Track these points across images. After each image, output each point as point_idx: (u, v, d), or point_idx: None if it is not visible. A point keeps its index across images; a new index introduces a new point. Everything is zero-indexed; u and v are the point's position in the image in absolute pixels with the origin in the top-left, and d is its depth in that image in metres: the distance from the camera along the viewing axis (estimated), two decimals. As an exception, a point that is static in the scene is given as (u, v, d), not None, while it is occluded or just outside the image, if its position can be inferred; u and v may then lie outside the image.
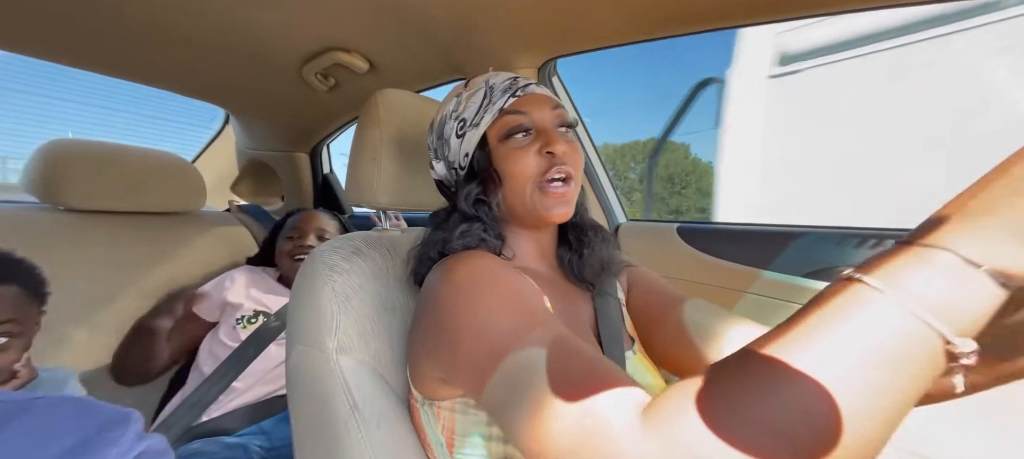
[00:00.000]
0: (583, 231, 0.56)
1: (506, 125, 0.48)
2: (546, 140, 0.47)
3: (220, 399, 0.92)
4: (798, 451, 0.21)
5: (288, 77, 1.09)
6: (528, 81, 0.51)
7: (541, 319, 0.36)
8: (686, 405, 0.23)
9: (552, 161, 0.47)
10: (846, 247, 0.81)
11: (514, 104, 0.48)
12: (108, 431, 0.25)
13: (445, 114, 0.53)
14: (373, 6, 0.77)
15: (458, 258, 0.43)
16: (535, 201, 0.48)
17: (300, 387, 0.50)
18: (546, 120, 0.49)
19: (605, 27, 0.78)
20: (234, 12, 0.82)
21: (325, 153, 1.63)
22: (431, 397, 0.44)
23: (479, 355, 0.35)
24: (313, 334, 0.49)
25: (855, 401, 0.21)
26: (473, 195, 0.50)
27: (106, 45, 0.96)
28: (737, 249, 0.89)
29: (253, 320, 1.01)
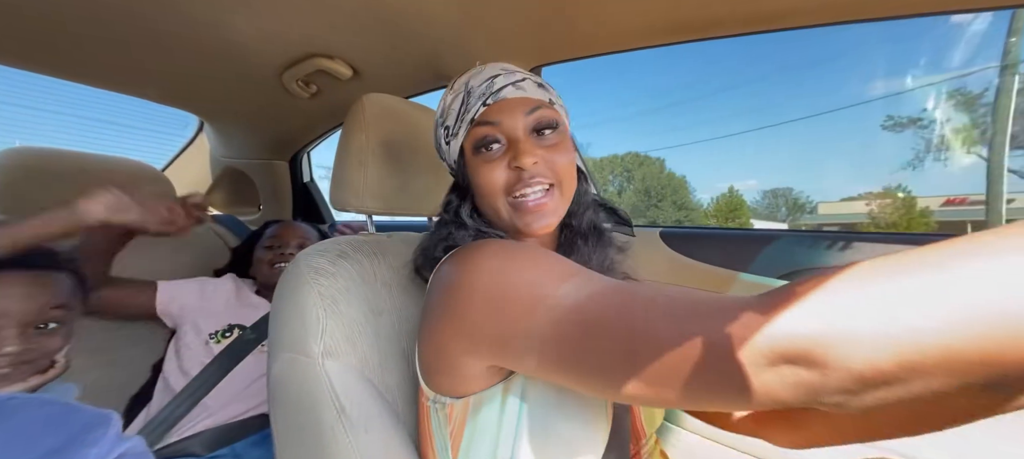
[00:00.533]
0: (575, 235, 0.53)
1: (476, 137, 0.46)
2: (514, 153, 0.45)
3: (189, 418, 0.88)
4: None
5: (268, 84, 1.07)
6: (507, 82, 0.48)
7: (585, 271, 0.36)
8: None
9: (520, 175, 0.45)
10: (817, 249, 0.85)
11: (484, 114, 0.46)
12: (87, 432, 0.24)
13: (438, 115, 0.53)
14: (357, 12, 0.77)
15: (477, 245, 0.42)
16: (511, 216, 0.46)
17: (284, 396, 0.48)
18: (518, 128, 0.46)
19: (590, 36, 0.80)
20: (211, 17, 0.80)
21: (305, 161, 1.60)
22: (446, 392, 0.42)
23: (536, 311, 0.34)
24: (298, 340, 0.47)
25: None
26: (454, 205, 0.50)
27: (74, 51, 0.92)
28: (716, 252, 0.92)
29: (227, 334, 0.96)
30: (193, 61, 0.98)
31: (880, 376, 0.21)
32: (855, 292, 0.22)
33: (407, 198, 0.64)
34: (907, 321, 0.21)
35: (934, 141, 13.08)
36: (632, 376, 0.29)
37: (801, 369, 0.23)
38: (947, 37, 28.50)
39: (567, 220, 0.52)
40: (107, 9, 0.77)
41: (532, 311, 0.34)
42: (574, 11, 0.74)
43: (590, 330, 0.31)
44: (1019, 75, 4.83)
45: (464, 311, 0.38)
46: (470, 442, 0.41)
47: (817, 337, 0.22)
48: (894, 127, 13.13)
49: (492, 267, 0.38)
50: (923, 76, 27.47)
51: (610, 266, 0.53)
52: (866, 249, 0.81)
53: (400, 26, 0.81)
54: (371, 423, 0.44)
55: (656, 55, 38.42)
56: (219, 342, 0.95)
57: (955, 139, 13.05)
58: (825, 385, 0.23)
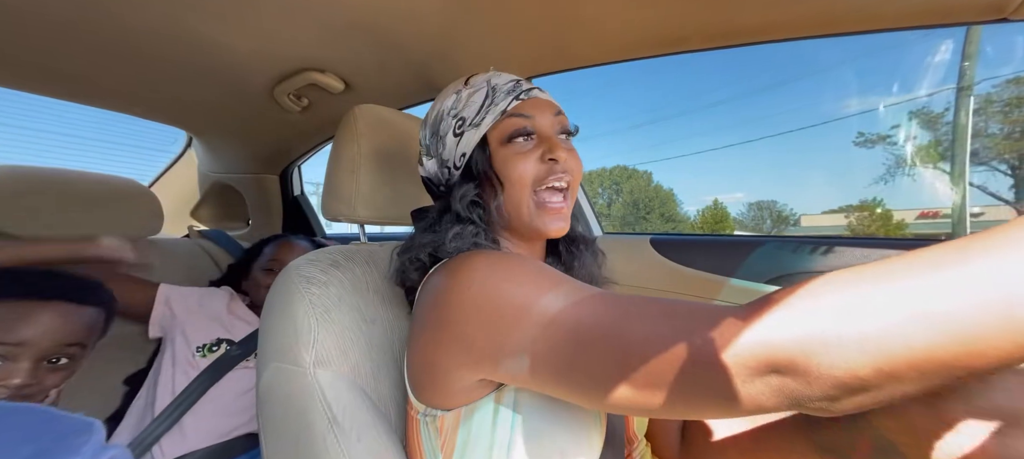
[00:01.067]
0: (575, 242, 0.55)
1: (509, 128, 0.47)
2: (549, 146, 0.46)
3: (170, 436, 0.85)
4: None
5: (259, 98, 1.07)
6: (532, 84, 0.50)
7: (574, 282, 0.36)
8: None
9: (553, 168, 0.46)
10: (801, 254, 0.87)
11: (517, 107, 0.47)
12: (69, 439, 0.23)
13: (442, 110, 0.51)
14: (348, 26, 0.79)
15: (465, 257, 0.41)
16: (532, 214, 0.47)
17: (273, 407, 0.47)
18: (549, 126, 0.48)
19: (579, 48, 0.83)
20: (202, 33, 0.80)
21: (296, 175, 1.59)
22: (436, 405, 0.42)
23: (528, 323, 0.34)
24: (288, 349, 0.47)
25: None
26: (469, 196, 0.48)
27: (60, 69, 0.91)
28: (706, 258, 0.94)
29: (214, 348, 0.94)
30: (183, 77, 0.98)
31: (859, 382, 0.22)
32: (834, 302, 0.23)
33: (399, 208, 0.64)
34: (883, 330, 0.22)
35: (904, 157, 13.73)
36: (623, 385, 0.30)
37: (786, 377, 0.24)
38: (915, 59, 30.03)
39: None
40: (93, 26, 0.77)
41: (523, 324, 0.34)
42: (563, 23, 0.76)
43: (582, 341, 0.32)
44: (973, 97, 5.24)
45: (455, 325, 0.38)
46: (462, 454, 0.40)
47: (801, 347, 0.23)
48: (865, 143, 13.77)
49: (482, 280, 0.38)
50: (897, 95, 28.78)
51: (596, 274, 0.55)
52: (847, 254, 0.83)
53: (391, 39, 0.82)
54: (363, 432, 0.44)
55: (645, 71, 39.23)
56: (205, 356, 0.92)
57: (922, 155, 13.70)
58: (809, 393, 0.24)
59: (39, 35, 0.79)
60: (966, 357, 0.20)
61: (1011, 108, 10.23)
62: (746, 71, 39.47)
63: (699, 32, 0.74)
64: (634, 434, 0.49)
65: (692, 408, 0.28)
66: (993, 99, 10.96)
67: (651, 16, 0.72)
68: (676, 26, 0.74)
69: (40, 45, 0.82)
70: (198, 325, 0.97)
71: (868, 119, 15.66)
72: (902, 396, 0.23)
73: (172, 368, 0.91)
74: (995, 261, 0.21)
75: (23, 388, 0.58)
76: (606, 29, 0.76)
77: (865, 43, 20.71)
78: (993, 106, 10.94)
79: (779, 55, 30.55)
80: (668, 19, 0.72)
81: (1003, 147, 10.47)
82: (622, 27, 0.75)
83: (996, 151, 10.69)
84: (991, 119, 10.98)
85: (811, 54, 24.81)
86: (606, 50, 0.82)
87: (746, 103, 39.75)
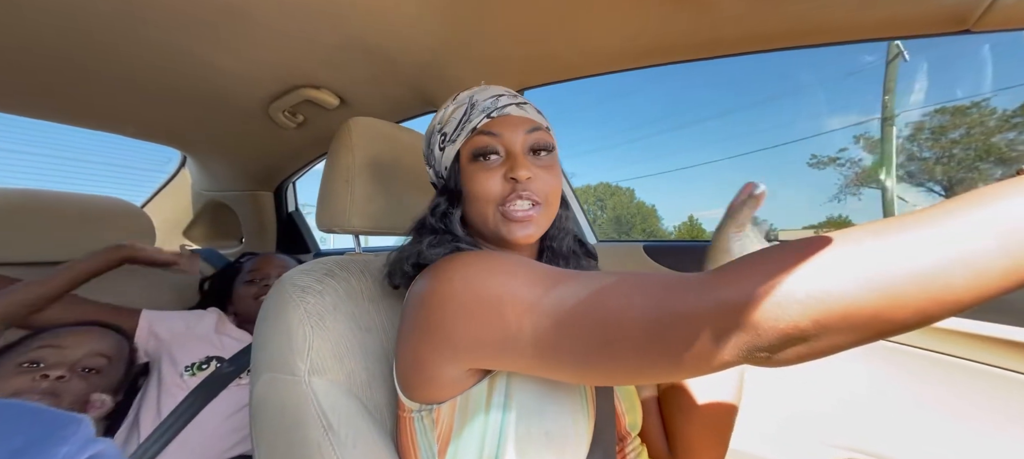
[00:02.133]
0: (557, 256, 0.56)
1: (477, 145, 0.48)
2: (511, 165, 0.47)
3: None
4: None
5: (254, 116, 1.09)
6: (510, 101, 0.51)
7: (552, 268, 0.38)
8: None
9: (514, 187, 0.47)
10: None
11: (487, 125, 0.49)
12: (58, 430, 0.24)
13: (435, 123, 0.54)
14: (342, 43, 0.80)
15: (446, 258, 0.43)
16: (497, 224, 0.48)
17: (267, 418, 0.47)
18: (517, 143, 0.48)
19: (570, 60, 0.85)
20: (196, 55, 0.82)
21: (290, 191, 1.60)
22: (430, 401, 0.42)
23: (510, 310, 0.36)
24: (283, 359, 0.47)
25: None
26: (441, 208, 0.50)
27: (56, 91, 0.92)
28: (698, 264, 0.94)
29: (204, 366, 0.93)
30: (178, 98, 0.99)
31: (799, 333, 0.26)
32: (778, 266, 0.28)
33: (394, 218, 0.65)
34: (822, 287, 0.26)
35: (852, 177, 15.21)
36: (605, 357, 0.32)
37: (743, 332, 0.28)
38: (854, 85, 31.27)
39: (549, 242, 0.55)
40: (88, 50, 0.78)
41: (505, 312, 0.36)
42: (554, 36, 0.78)
43: (563, 322, 0.34)
44: (895, 127, 6.67)
45: (440, 319, 0.39)
46: (458, 445, 0.41)
47: (752, 304, 0.27)
48: (817, 164, 15.25)
49: (462, 275, 0.39)
50: (851, 117, 30.06)
51: None
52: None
53: (384, 54, 0.84)
54: (359, 439, 0.44)
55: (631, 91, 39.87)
56: (194, 375, 0.91)
57: (868, 175, 15.02)
58: (758, 343, 0.27)
59: (33, 59, 0.80)
60: (889, 311, 0.25)
61: (937, 135, 11.94)
62: (726, 90, 40.34)
63: (685, 43, 0.77)
64: (626, 431, 0.49)
65: (666, 369, 0.31)
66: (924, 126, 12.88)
67: (639, 28, 0.74)
68: (664, 37, 0.76)
69: (34, 69, 0.83)
70: (186, 346, 0.95)
71: (836, 138, 17.03)
72: (837, 348, 0.27)
73: (157, 390, 0.89)
74: (920, 237, 0.25)
75: (58, 381, 0.74)
76: (596, 40, 0.79)
77: (842, 65, 21.77)
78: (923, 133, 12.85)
79: (760, 75, 31.53)
80: (656, 31, 0.75)
81: (932, 169, 12.22)
82: (611, 38, 0.78)
83: (928, 173, 12.37)
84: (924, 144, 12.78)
85: (792, 74, 25.90)
86: (596, 61, 0.84)
87: (728, 122, 40.61)
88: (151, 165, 1.57)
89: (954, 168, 11.50)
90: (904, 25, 0.65)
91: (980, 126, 10.86)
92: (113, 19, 0.70)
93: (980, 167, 10.72)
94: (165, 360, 0.93)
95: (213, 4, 0.68)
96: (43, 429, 0.23)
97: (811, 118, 26.22)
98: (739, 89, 32.10)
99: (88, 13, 0.68)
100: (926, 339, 0.71)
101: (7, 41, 0.74)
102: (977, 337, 0.67)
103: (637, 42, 0.78)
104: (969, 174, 10.94)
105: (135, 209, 1.15)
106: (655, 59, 0.81)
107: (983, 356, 0.67)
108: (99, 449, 0.25)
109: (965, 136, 11.17)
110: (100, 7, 0.67)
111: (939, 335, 0.70)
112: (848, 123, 21.63)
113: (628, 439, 0.49)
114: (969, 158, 11.09)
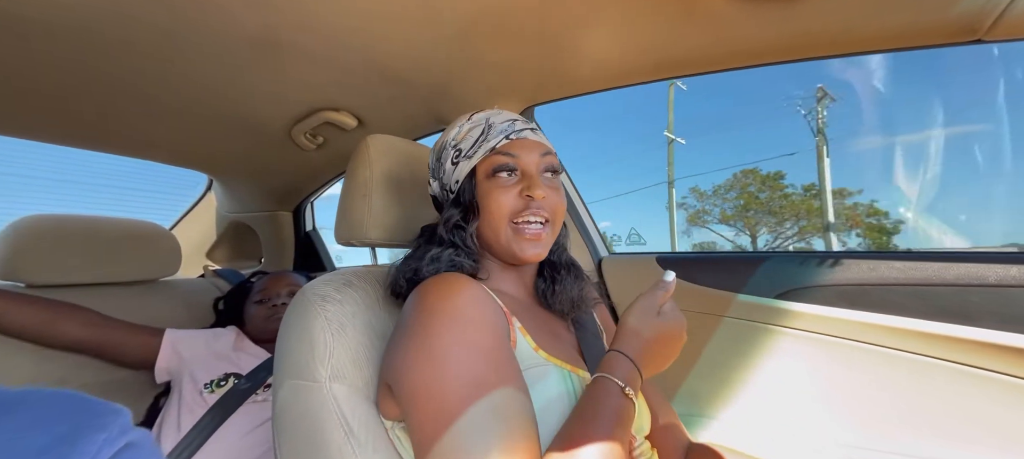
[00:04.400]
0: (557, 268, 0.60)
1: (494, 163, 0.52)
2: (528, 184, 0.51)
3: None
4: None
5: (277, 139, 1.14)
6: (525, 126, 0.55)
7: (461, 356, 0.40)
8: None
9: (529, 204, 0.51)
10: (808, 267, 0.87)
11: (505, 146, 0.53)
12: (98, 418, 0.26)
13: (446, 140, 0.57)
14: (363, 67, 0.85)
15: (429, 280, 0.46)
16: (509, 240, 0.51)
17: (290, 423, 0.48)
18: (532, 164, 0.53)
19: (581, 75, 0.87)
20: (228, 84, 0.87)
21: (309, 211, 1.65)
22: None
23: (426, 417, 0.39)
24: (305, 365, 0.48)
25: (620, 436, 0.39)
26: (453, 220, 0.53)
27: (93, 121, 0.98)
28: (712, 275, 0.94)
29: (223, 383, 0.94)
30: (210, 125, 1.05)
31: None
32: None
33: (408, 231, 0.67)
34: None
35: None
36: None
37: None
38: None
39: (550, 255, 0.59)
40: (125, 82, 0.83)
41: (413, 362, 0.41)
42: (563, 52, 0.81)
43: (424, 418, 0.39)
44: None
45: (393, 349, 0.45)
46: None
47: None
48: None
49: (417, 304, 0.44)
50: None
51: (584, 295, 0.60)
52: (853, 266, 0.83)
53: (398, 75, 0.88)
54: (379, 443, 0.45)
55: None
56: (214, 392, 0.92)
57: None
58: None
59: (73, 92, 0.86)
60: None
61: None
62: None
63: (693, 58, 0.79)
64: (631, 434, 0.49)
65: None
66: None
67: (647, 42, 0.77)
68: (671, 51, 0.78)
69: (75, 101, 0.89)
70: (206, 364, 0.97)
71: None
72: None
73: (178, 408, 0.91)
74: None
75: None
76: (604, 55, 0.81)
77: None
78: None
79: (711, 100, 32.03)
80: (663, 44, 0.77)
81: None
82: (620, 53, 0.80)
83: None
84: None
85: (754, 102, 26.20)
86: (606, 76, 0.87)
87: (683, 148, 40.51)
88: (172, 189, 1.63)
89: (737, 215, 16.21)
90: (916, 36, 0.66)
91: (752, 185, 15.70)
92: (152, 52, 0.75)
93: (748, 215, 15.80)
94: (186, 378, 0.95)
95: (245, 36, 0.72)
96: (86, 417, 0.25)
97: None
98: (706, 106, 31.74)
99: (129, 48, 0.74)
100: (931, 346, 0.70)
101: (51, 76, 0.80)
102: (981, 344, 0.66)
103: (648, 55, 0.80)
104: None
105: (164, 231, 1.20)
106: (667, 73, 0.83)
107: (987, 362, 0.66)
108: (135, 437, 0.26)
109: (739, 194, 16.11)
110: (140, 42, 0.72)
111: (941, 342, 0.69)
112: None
113: (634, 442, 0.49)
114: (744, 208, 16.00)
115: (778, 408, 0.85)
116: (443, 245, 0.53)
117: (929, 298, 0.72)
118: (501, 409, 0.37)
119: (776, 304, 0.86)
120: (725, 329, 0.91)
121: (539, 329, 0.52)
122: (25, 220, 0.96)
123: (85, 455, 0.23)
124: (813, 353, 0.82)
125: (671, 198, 14.31)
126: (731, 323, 0.90)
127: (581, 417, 0.40)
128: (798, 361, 0.84)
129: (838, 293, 0.82)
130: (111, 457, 0.24)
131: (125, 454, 0.25)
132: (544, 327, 0.54)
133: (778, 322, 0.85)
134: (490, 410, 0.36)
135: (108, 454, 0.24)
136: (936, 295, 0.71)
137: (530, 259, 0.51)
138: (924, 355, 0.71)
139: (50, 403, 0.25)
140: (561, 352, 0.51)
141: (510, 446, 0.35)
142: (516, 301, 0.54)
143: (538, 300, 0.59)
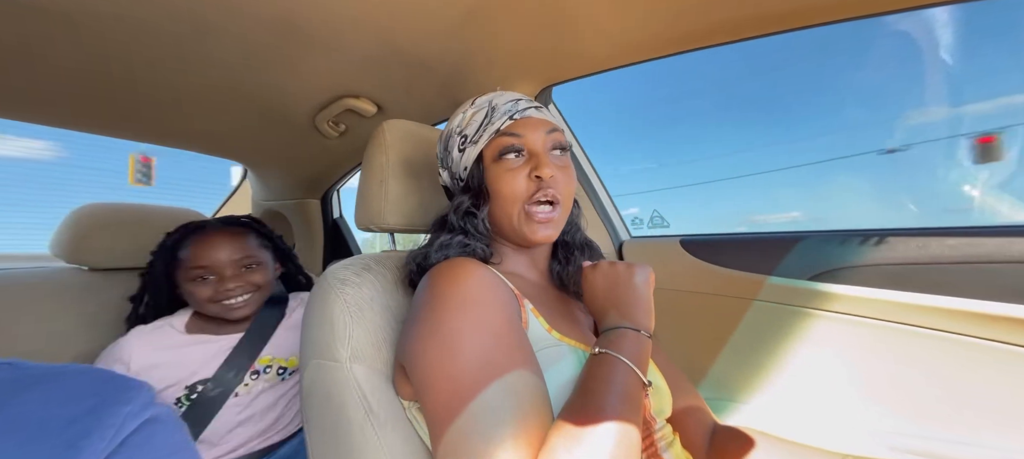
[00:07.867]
0: (571, 249, 0.59)
1: (500, 146, 0.51)
2: (535, 163, 0.50)
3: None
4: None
5: (303, 127, 1.17)
6: (529, 105, 0.54)
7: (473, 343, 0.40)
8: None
9: (539, 185, 0.50)
10: (850, 247, 0.81)
11: (510, 126, 0.52)
12: (123, 392, 0.27)
13: (452, 127, 0.57)
14: (383, 53, 0.85)
15: (440, 265, 0.47)
16: (520, 222, 0.51)
17: (316, 399, 0.50)
18: (539, 143, 0.52)
19: (598, 52, 0.84)
20: (259, 73, 0.89)
21: (335, 198, 1.70)
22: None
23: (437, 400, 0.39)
24: (327, 346, 0.50)
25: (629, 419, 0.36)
26: (464, 207, 0.53)
27: (136, 113, 1.04)
28: (740, 258, 0.90)
29: (191, 396, 0.80)
30: (242, 115, 1.09)
31: None
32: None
33: (426, 216, 0.67)
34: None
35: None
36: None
37: None
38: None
39: (563, 236, 0.58)
40: (165, 73, 0.87)
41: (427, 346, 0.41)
42: (579, 28, 0.78)
43: (439, 403, 0.39)
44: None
45: (406, 334, 0.45)
46: None
47: None
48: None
49: (429, 287, 0.44)
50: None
51: None
52: (900, 244, 0.77)
53: (415, 60, 0.87)
54: (397, 423, 0.46)
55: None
56: (183, 407, 0.80)
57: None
58: None
59: (119, 85, 0.91)
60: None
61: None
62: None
63: (714, 27, 0.74)
64: (651, 416, 0.48)
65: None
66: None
67: (666, 12, 0.72)
68: (696, 22, 0.74)
69: (122, 93, 0.95)
70: (162, 373, 0.79)
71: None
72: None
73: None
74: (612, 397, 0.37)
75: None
76: (622, 29, 0.77)
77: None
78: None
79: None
80: (683, 14, 0.72)
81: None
82: (638, 25, 0.76)
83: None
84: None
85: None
86: (624, 51, 0.83)
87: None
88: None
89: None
90: None
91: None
92: (189, 45, 0.78)
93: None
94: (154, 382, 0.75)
95: (274, 26, 0.74)
96: (112, 391, 0.27)
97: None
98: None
99: (171, 39, 0.76)
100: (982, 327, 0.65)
101: (98, 67, 0.84)
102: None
103: (672, 27, 0.76)
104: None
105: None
106: (688, 45, 0.79)
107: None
108: (157, 412, 0.28)
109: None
110: (177, 34, 0.75)
111: (1003, 323, 0.64)
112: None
113: (654, 424, 0.48)
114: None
115: (813, 394, 0.82)
116: (454, 232, 0.53)
117: (990, 276, 0.66)
118: (513, 389, 0.37)
119: (812, 286, 0.81)
120: (755, 313, 0.87)
121: (554, 311, 0.51)
122: (84, 208, 1.03)
123: (109, 428, 0.25)
124: (853, 337, 0.78)
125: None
126: (762, 307, 0.86)
127: (584, 391, 0.39)
128: (836, 346, 0.80)
129: (883, 273, 0.77)
130: (134, 430, 0.26)
131: (147, 428, 0.27)
132: (560, 309, 0.53)
133: (814, 305, 0.81)
134: (502, 390, 0.36)
135: (132, 427, 0.26)
136: (999, 273, 0.66)
137: (541, 241, 0.51)
138: (983, 338, 0.66)
139: (81, 378, 0.27)
140: (577, 333, 0.50)
141: (523, 425, 0.35)
142: (530, 283, 0.54)
143: (553, 282, 0.59)
